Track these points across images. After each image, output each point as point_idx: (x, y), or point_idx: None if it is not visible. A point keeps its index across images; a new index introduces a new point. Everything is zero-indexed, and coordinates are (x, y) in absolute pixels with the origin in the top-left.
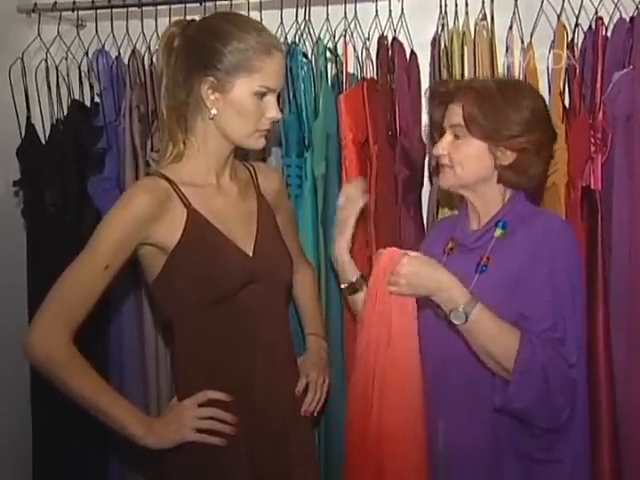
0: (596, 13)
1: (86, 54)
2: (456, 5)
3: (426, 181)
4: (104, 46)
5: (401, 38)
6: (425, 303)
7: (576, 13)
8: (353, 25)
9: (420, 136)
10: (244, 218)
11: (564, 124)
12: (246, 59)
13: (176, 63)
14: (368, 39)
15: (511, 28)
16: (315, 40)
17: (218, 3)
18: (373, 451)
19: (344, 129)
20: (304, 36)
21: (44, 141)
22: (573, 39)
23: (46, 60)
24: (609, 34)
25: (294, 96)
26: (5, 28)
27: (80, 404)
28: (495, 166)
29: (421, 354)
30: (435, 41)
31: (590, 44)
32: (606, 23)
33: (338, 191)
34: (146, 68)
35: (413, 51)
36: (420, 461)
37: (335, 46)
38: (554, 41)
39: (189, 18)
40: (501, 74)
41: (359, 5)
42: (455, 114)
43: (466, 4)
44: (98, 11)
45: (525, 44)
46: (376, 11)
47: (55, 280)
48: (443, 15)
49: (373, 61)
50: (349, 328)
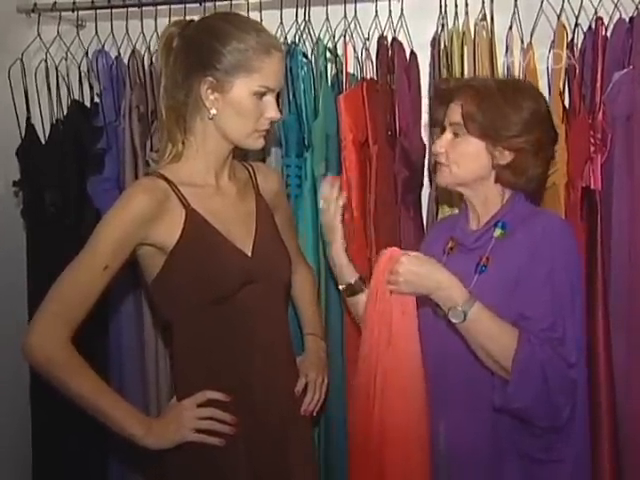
0: (596, 13)
1: (86, 54)
2: (456, 5)
3: (426, 181)
4: (104, 46)
5: (401, 38)
6: (424, 302)
7: (576, 13)
8: (353, 25)
9: (420, 136)
10: (243, 218)
11: (564, 124)
12: (245, 59)
13: (175, 63)
14: (368, 39)
15: (511, 28)
16: (315, 40)
17: (218, 3)
18: (376, 452)
19: (344, 129)
20: (304, 36)
21: (44, 141)
22: (573, 39)
23: (46, 60)
24: (609, 34)
25: (294, 96)
26: (5, 28)
27: (79, 404)
28: (492, 165)
29: (421, 353)
30: (435, 41)
31: (590, 44)
32: (606, 23)
33: None
34: (146, 68)
35: (413, 51)
36: (423, 462)
37: (335, 46)
38: (554, 41)
39: (188, 18)
40: (501, 74)
41: (359, 5)
42: (455, 112)
43: (466, 4)
44: (98, 11)
45: (525, 44)
46: (376, 11)
47: (55, 280)
48: (443, 15)
49: (373, 61)
50: (349, 329)
